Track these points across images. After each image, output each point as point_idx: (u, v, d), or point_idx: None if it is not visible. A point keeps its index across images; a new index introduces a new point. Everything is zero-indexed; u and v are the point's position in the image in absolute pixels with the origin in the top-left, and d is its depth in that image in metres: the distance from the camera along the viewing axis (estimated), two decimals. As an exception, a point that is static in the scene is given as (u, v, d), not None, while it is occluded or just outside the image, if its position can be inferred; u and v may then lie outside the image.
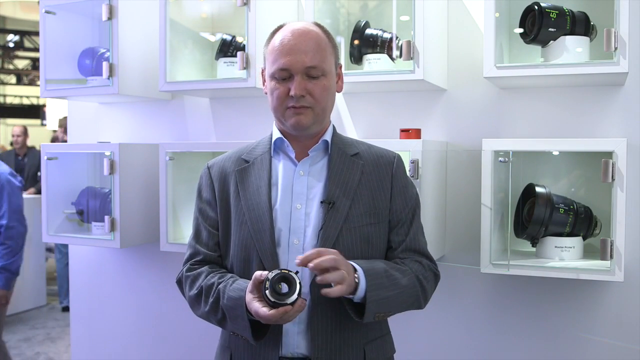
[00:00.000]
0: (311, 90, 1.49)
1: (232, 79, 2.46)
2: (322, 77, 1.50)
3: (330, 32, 1.58)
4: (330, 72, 1.53)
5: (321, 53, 1.50)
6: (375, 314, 1.45)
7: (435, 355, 2.47)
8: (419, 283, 1.54)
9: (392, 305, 1.49)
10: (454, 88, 2.43)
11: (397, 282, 1.48)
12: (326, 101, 1.52)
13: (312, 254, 1.36)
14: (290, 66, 1.48)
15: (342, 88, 1.62)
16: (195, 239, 1.63)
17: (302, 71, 1.48)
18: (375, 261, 1.51)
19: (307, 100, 1.49)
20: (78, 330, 3.22)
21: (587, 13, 2.12)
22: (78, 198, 2.88)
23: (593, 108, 2.22)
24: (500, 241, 2.20)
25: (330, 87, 1.53)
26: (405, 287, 1.50)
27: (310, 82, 1.49)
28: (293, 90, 1.47)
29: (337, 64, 1.59)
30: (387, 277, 1.46)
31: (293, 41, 1.49)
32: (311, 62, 1.48)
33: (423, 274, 1.56)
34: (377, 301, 1.43)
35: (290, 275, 1.35)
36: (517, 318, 2.34)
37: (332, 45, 1.56)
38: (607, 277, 1.98)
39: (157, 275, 2.99)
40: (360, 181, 1.55)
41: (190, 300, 1.59)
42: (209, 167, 1.65)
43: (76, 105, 3.18)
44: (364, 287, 1.41)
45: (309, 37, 1.50)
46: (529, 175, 2.28)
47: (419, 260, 1.58)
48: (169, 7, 2.55)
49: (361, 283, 1.41)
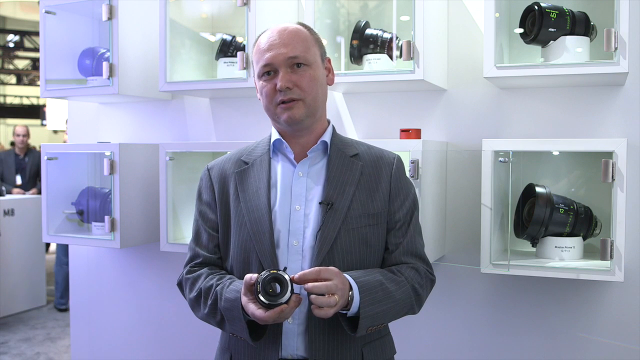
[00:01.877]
0: (297, 81, 1.49)
1: (232, 79, 2.46)
2: (306, 67, 1.50)
3: (314, 30, 1.59)
4: (315, 63, 1.52)
5: (302, 43, 1.51)
6: (368, 328, 1.45)
7: (435, 355, 2.47)
8: (414, 292, 1.53)
9: (386, 318, 1.48)
10: (454, 88, 2.43)
11: (392, 295, 1.47)
12: (315, 91, 1.52)
13: (310, 272, 1.36)
14: (273, 60, 1.49)
15: (333, 81, 1.61)
16: (195, 242, 1.63)
17: (285, 63, 1.48)
18: (373, 272, 1.50)
19: (295, 92, 1.48)
20: (78, 330, 3.22)
21: (587, 13, 2.12)
22: (78, 198, 2.88)
23: (593, 108, 2.22)
24: (500, 241, 2.20)
25: (318, 77, 1.52)
26: (400, 300, 1.49)
27: (295, 74, 1.49)
28: (279, 82, 1.48)
29: (325, 57, 1.59)
30: (382, 291, 1.46)
31: (273, 38, 1.51)
32: (292, 53, 1.48)
33: (419, 281, 1.55)
34: (371, 316, 1.43)
35: (280, 275, 1.34)
36: (517, 318, 2.35)
37: (315, 39, 1.56)
38: (607, 277, 1.98)
39: (157, 275, 2.99)
40: (359, 182, 1.55)
41: (190, 303, 1.59)
42: (209, 169, 1.65)
43: (76, 105, 3.18)
44: (358, 304, 1.41)
45: (287, 32, 1.51)
46: (529, 175, 2.28)
47: (415, 267, 1.57)
48: (169, 7, 2.55)
49: (355, 299, 1.41)
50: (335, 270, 1.39)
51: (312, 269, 1.37)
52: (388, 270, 1.53)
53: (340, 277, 1.39)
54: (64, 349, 4.89)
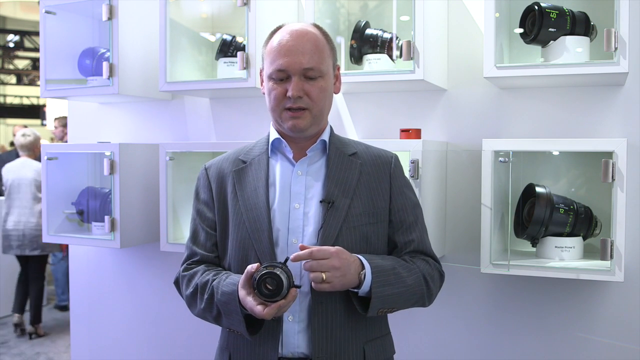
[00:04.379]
0: (308, 91, 1.49)
1: (232, 79, 2.46)
2: (319, 79, 1.50)
3: (329, 33, 1.59)
4: (327, 74, 1.53)
5: (319, 54, 1.50)
6: (379, 309, 1.48)
7: (435, 355, 2.47)
8: (425, 282, 1.55)
9: (397, 302, 1.50)
10: (454, 88, 2.43)
11: (404, 280, 1.50)
12: (323, 103, 1.52)
13: (304, 254, 1.40)
14: (288, 67, 1.48)
15: (339, 89, 1.62)
16: (192, 241, 1.64)
17: (300, 72, 1.48)
18: (386, 257, 1.53)
19: (304, 101, 1.49)
20: (78, 330, 3.22)
21: (587, 13, 2.12)
22: (78, 198, 2.88)
23: (593, 108, 2.22)
24: (500, 241, 2.20)
25: (328, 88, 1.53)
26: (411, 285, 1.52)
27: (307, 84, 1.49)
28: (290, 91, 1.47)
29: (335, 66, 1.59)
30: (394, 275, 1.48)
31: (291, 42, 1.49)
32: (309, 64, 1.48)
33: (430, 273, 1.57)
34: (382, 297, 1.46)
35: (277, 271, 1.35)
36: (517, 318, 2.34)
37: (331, 47, 1.56)
38: (607, 277, 1.98)
39: (157, 275, 2.99)
40: (359, 180, 1.55)
41: (187, 300, 1.59)
42: (207, 168, 1.65)
43: (76, 105, 3.18)
44: (370, 284, 1.44)
45: (307, 39, 1.50)
46: (529, 175, 2.28)
47: (425, 259, 1.60)
48: (169, 7, 2.55)
49: (367, 278, 1.44)
50: (333, 249, 1.42)
51: (306, 250, 1.40)
52: (400, 258, 1.56)
53: (339, 257, 1.41)
54: (64, 349, 4.89)
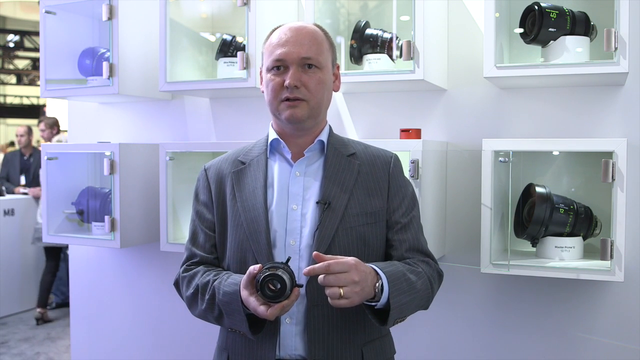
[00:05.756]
0: (306, 82, 1.49)
1: (232, 79, 2.46)
2: (317, 70, 1.50)
3: (329, 33, 1.59)
4: (326, 67, 1.53)
5: (317, 46, 1.51)
6: (395, 320, 1.44)
7: (435, 355, 2.47)
8: (430, 285, 1.54)
9: (409, 309, 1.47)
10: (454, 88, 2.43)
11: (414, 286, 1.47)
12: (321, 95, 1.52)
13: (320, 267, 1.32)
14: (286, 57, 1.48)
15: (339, 88, 1.62)
16: (191, 242, 1.63)
17: (297, 62, 1.48)
18: (393, 264, 1.49)
19: (301, 92, 1.49)
20: (78, 330, 3.22)
21: (587, 13, 2.12)
22: (78, 198, 2.88)
23: (593, 108, 2.22)
24: (500, 241, 2.20)
25: (326, 81, 1.53)
26: (420, 290, 1.49)
27: (305, 74, 1.49)
28: (288, 80, 1.48)
29: (335, 64, 1.59)
30: (406, 281, 1.44)
31: (289, 34, 1.51)
32: (306, 53, 1.49)
33: (432, 274, 1.56)
34: (399, 307, 1.41)
35: (280, 272, 1.34)
36: (517, 318, 2.34)
37: (330, 43, 1.57)
38: (607, 277, 1.98)
39: (157, 275, 2.99)
40: (356, 181, 1.55)
41: (187, 301, 1.59)
42: (206, 169, 1.65)
43: (76, 105, 3.18)
44: (387, 294, 1.39)
45: (305, 32, 1.52)
46: (529, 175, 2.28)
47: (425, 260, 1.58)
48: (169, 7, 2.55)
49: (385, 290, 1.39)
50: (352, 261, 1.35)
51: (323, 263, 1.33)
52: (405, 262, 1.53)
53: (357, 269, 1.34)
54: (64, 349, 4.89)
